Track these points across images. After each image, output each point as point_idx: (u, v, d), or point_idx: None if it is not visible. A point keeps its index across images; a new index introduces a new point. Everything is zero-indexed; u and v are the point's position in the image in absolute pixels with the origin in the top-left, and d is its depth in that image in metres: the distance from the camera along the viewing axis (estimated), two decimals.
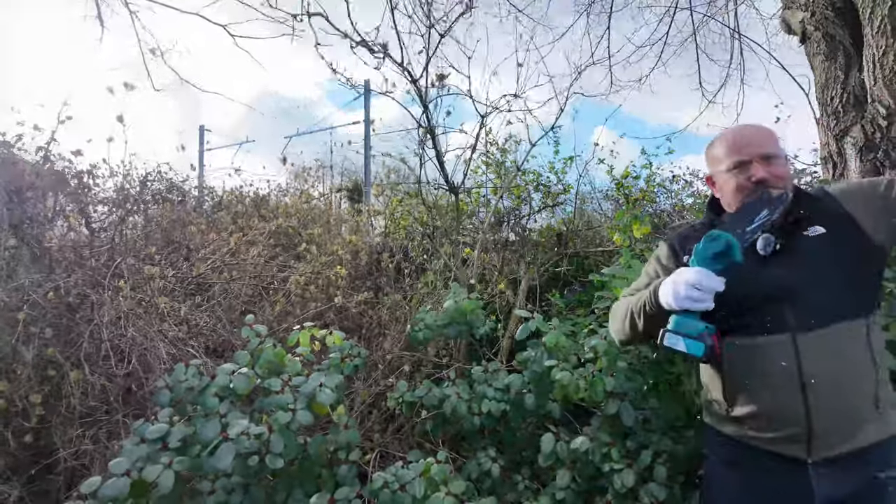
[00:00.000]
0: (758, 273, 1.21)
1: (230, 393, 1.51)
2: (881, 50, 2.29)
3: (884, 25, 2.25)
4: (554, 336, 1.95)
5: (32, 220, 2.39)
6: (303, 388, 1.52)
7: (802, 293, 1.16)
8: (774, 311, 1.17)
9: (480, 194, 4.53)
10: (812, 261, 1.18)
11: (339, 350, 1.86)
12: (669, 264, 1.37)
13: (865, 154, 2.48)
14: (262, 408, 1.51)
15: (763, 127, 1.30)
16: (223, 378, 1.52)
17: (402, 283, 3.38)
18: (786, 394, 1.12)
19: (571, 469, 1.75)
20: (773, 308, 1.17)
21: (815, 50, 2.77)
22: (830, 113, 2.69)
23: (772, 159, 1.22)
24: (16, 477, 1.83)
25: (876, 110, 2.38)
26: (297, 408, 1.45)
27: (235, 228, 3.10)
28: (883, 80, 2.32)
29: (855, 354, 1.12)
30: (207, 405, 1.46)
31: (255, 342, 1.68)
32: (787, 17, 2.95)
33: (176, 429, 1.37)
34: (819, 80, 2.79)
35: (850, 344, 1.13)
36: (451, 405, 1.88)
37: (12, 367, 1.95)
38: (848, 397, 1.09)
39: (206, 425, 1.37)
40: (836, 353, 1.12)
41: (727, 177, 1.27)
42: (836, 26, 2.61)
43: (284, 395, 1.48)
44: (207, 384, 1.51)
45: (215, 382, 1.51)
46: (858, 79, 2.58)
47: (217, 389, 1.50)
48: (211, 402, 1.46)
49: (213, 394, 1.48)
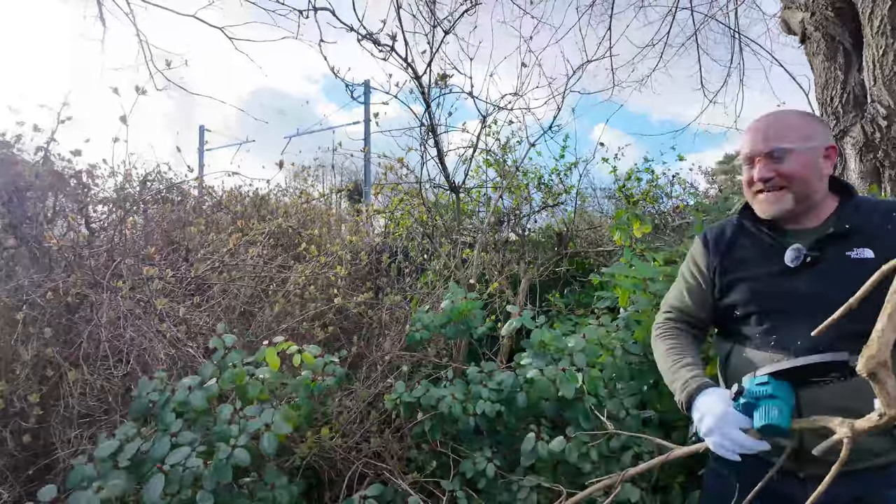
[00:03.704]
0: (779, 285, 1.14)
1: (188, 409, 1.48)
2: (881, 50, 2.29)
3: (884, 25, 2.25)
4: (539, 334, 1.95)
5: (32, 220, 2.39)
6: (249, 425, 1.43)
7: (818, 317, 0.96)
8: (785, 328, 1.11)
9: (481, 194, 4.54)
10: (845, 287, 0.94)
11: (312, 369, 1.76)
12: (701, 264, 1.31)
13: (865, 154, 2.48)
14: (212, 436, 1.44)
15: (791, 117, 1.19)
16: (182, 393, 1.49)
17: (402, 283, 3.38)
18: None
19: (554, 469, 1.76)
20: (785, 325, 1.12)
21: (815, 50, 2.76)
22: (830, 113, 2.69)
23: (782, 156, 1.12)
24: (14, 477, 1.82)
25: (876, 110, 2.38)
26: (237, 444, 1.37)
27: (235, 228, 3.10)
28: (883, 80, 2.32)
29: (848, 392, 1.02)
30: (165, 421, 1.43)
31: (221, 353, 1.65)
32: (787, 17, 2.95)
33: (129, 446, 1.33)
34: (819, 80, 2.78)
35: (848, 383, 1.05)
36: (447, 405, 1.88)
37: (11, 367, 1.95)
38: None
39: (157, 444, 1.34)
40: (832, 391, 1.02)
41: (744, 169, 1.22)
42: (835, 26, 2.60)
43: (231, 427, 1.41)
44: (167, 398, 1.48)
45: (175, 398, 1.48)
46: (858, 79, 2.58)
47: (176, 405, 1.47)
48: (168, 417, 1.43)
49: (172, 409, 1.46)
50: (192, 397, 1.48)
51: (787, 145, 1.13)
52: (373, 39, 3.00)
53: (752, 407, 0.98)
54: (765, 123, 1.18)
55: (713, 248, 1.29)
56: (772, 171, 1.14)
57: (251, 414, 1.47)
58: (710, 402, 1.04)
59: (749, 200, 1.24)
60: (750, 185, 1.20)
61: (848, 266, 1.08)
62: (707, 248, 1.31)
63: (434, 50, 3.17)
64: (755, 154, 1.17)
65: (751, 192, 1.21)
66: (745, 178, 1.21)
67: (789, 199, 1.14)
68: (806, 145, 1.13)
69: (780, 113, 1.22)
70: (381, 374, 2.43)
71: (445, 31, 3.16)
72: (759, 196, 1.19)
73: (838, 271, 1.08)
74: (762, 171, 1.15)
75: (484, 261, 3.31)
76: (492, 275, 3.28)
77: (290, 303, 2.73)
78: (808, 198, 1.15)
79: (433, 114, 3.33)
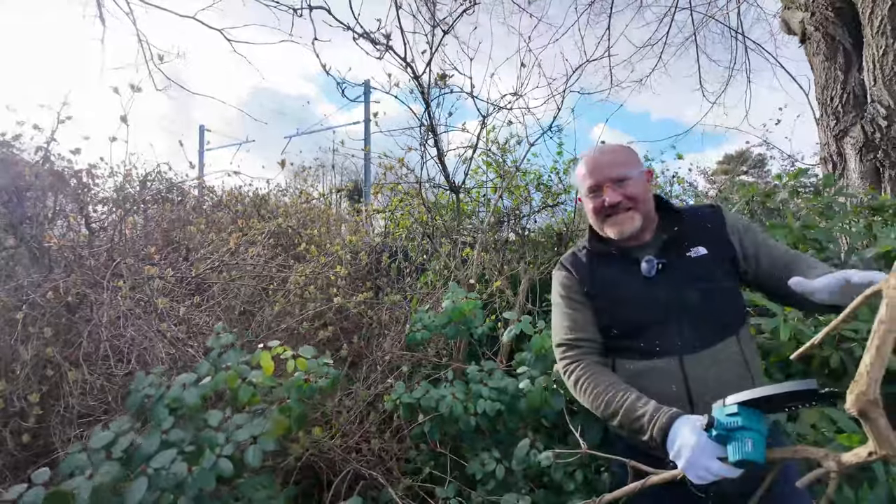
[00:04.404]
0: (645, 295, 1.26)
1: (182, 405, 1.48)
2: (881, 50, 2.29)
3: (884, 25, 2.25)
4: (539, 340, 1.95)
5: (32, 220, 2.39)
6: (235, 434, 1.42)
7: (687, 314, 1.22)
8: (662, 333, 1.23)
9: (481, 194, 4.54)
10: (694, 282, 1.24)
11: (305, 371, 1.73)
12: (575, 288, 1.37)
13: (865, 154, 2.48)
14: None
15: (619, 149, 1.38)
16: (177, 390, 1.49)
17: (402, 283, 3.38)
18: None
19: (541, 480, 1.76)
20: (662, 330, 1.23)
21: (815, 50, 2.77)
22: (830, 113, 2.69)
23: (624, 181, 1.30)
24: (14, 477, 1.82)
25: (876, 110, 2.38)
26: (222, 453, 1.36)
27: (235, 228, 3.10)
28: (883, 80, 2.32)
29: (736, 371, 1.20)
30: (158, 417, 1.43)
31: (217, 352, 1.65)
32: (787, 17, 2.95)
33: (123, 438, 1.33)
34: (819, 80, 2.79)
35: (730, 363, 1.21)
36: (447, 405, 1.88)
37: (11, 367, 1.95)
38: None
39: (147, 440, 1.34)
40: (720, 375, 1.18)
41: (586, 200, 1.36)
42: (836, 26, 2.61)
43: (218, 435, 1.40)
44: (162, 394, 1.48)
45: (169, 394, 1.48)
46: (858, 79, 2.58)
47: (170, 401, 1.47)
48: (161, 413, 1.43)
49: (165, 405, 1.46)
50: (185, 394, 1.48)
51: (627, 172, 1.31)
52: (369, 38, 3.00)
53: (725, 439, 0.98)
54: (601, 157, 1.35)
55: (577, 273, 1.38)
56: (619, 196, 1.29)
57: (240, 422, 1.46)
58: (685, 434, 1.05)
59: (598, 226, 1.37)
60: (598, 213, 1.33)
61: (691, 264, 1.26)
62: (572, 273, 1.39)
63: (433, 50, 3.17)
64: (602, 182, 1.31)
65: (600, 218, 1.34)
66: (593, 207, 1.34)
67: (638, 219, 1.30)
68: (638, 170, 1.33)
69: (608, 147, 1.40)
70: (381, 374, 2.43)
71: (445, 30, 3.16)
72: (609, 220, 1.32)
73: (686, 271, 1.26)
74: (612, 196, 1.29)
75: (484, 261, 3.30)
76: (492, 275, 3.28)
77: (290, 302, 2.73)
78: (648, 214, 1.33)
79: (433, 113, 3.33)
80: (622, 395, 1.19)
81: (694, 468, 1.01)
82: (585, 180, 1.35)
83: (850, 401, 0.77)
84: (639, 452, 1.20)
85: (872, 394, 0.75)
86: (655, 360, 1.22)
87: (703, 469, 1.00)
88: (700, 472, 1.01)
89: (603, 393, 1.23)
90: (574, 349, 1.33)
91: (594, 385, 1.25)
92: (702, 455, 1.00)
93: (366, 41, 3.00)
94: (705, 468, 1.00)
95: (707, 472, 1.00)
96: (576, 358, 1.32)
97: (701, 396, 1.17)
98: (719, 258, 1.27)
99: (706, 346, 1.20)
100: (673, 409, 1.12)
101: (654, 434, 1.11)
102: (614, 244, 1.35)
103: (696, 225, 1.32)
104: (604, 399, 1.22)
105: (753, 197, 2.74)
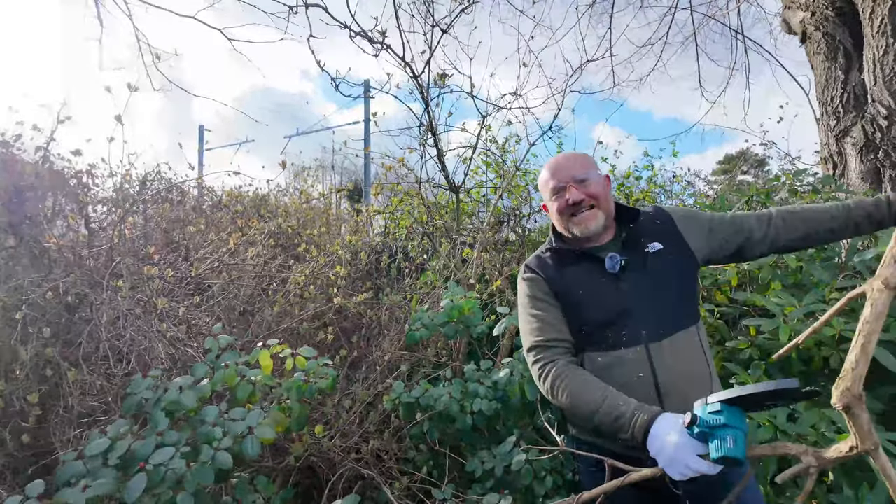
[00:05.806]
0: (611, 290, 1.32)
1: (180, 408, 1.48)
2: (881, 50, 2.29)
3: (884, 25, 2.25)
4: None
5: (31, 220, 2.39)
6: (233, 427, 1.42)
7: (651, 305, 1.29)
8: (628, 324, 1.28)
9: (480, 194, 4.53)
10: (655, 275, 1.32)
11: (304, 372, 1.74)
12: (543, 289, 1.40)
13: (865, 154, 2.48)
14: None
15: (578, 154, 1.49)
16: (173, 393, 1.48)
17: (402, 283, 3.38)
18: (646, 402, 1.18)
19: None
20: (627, 322, 1.28)
21: (815, 50, 2.76)
22: (830, 113, 2.69)
23: (585, 181, 1.37)
24: (13, 477, 1.82)
25: (876, 110, 2.38)
26: (220, 447, 1.36)
27: (235, 228, 3.10)
28: (883, 79, 2.32)
29: (697, 358, 1.29)
30: (155, 419, 1.43)
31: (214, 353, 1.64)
32: (788, 17, 2.95)
33: (120, 443, 1.32)
34: (819, 80, 2.78)
35: (691, 350, 1.29)
36: (444, 404, 1.89)
37: (10, 367, 1.95)
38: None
39: (143, 447, 1.33)
40: (683, 361, 1.26)
41: (550, 202, 1.43)
42: (836, 26, 2.60)
43: (215, 430, 1.41)
44: (159, 397, 1.48)
45: (166, 397, 1.48)
46: (858, 79, 2.58)
47: (167, 404, 1.46)
48: (158, 416, 1.43)
49: (162, 408, 1.45)
50: (182, 397, 1.48)
51: (588, 173, 1.39)
52: (365, 36, 2.99)
53: (707, 436, 1.00)
54: (563, 161, 1.43)
55: (544, 273, 1.42)
56: (582, 194, 1.36)
57: (237, 417, 1.46)
58: (667, 431, 1.06)
59: (562, 226, 1.42)
60: (563, 212, 1.39)
61: (650, 259, 1.34)
62: (539, 274, 1.43)
63: (432, 49, 3.17)
64: (566, 181, 1.38)
65: (564, 217, 1.40)
66: (557, 207, 1.40)
67: (601, 216, 1.37)
68: (597, 173, 1.42)
69: (569, 153, 1.50)
70: (381, 374, 2.43)
71: (443, 30, 3.16)
72: (573, 219, 1.39)
73: (646, 265, 1.33)
74: (575, 195, 1.36)
75: (484, 261, 3.30)
76: (492, 275, 3.28)
77: (290, 303, 2.73)
78: (609, 214, 1.40)
79: (432, 113, 3.33)
80: (601, 394, 1.21)
81: (675, 465, 1.03)
82: (549, 183, 1.42)
83: (835, 396, 0.80)
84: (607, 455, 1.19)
85: (857, 390, 0.78)
86: (622, 351, 1.27)
87: (685, 466, 1.02)
88: (681, 468, 1.03)
89: (581, 393, 1.24)
90: (547, 350, 1.35)
91: (571, 386, 1.26)
92: (683, 452, 1.02)
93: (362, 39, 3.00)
94: (686, 465, 1.02)
95: (688, 468, 1.02)
96: (550, 359, 1.33)
97: (666, 383, 1.24)
98: (675, 251, 1.36)
99: (669, 334, 1.27)
100: (654, 408, 1.14)
101: (634, 432, 1.12)
102: (578, 245, 1.41)
103: (649, 223, 1.41)
104: (582, 399, 1.23)
105: (753, 196, 2.74)
